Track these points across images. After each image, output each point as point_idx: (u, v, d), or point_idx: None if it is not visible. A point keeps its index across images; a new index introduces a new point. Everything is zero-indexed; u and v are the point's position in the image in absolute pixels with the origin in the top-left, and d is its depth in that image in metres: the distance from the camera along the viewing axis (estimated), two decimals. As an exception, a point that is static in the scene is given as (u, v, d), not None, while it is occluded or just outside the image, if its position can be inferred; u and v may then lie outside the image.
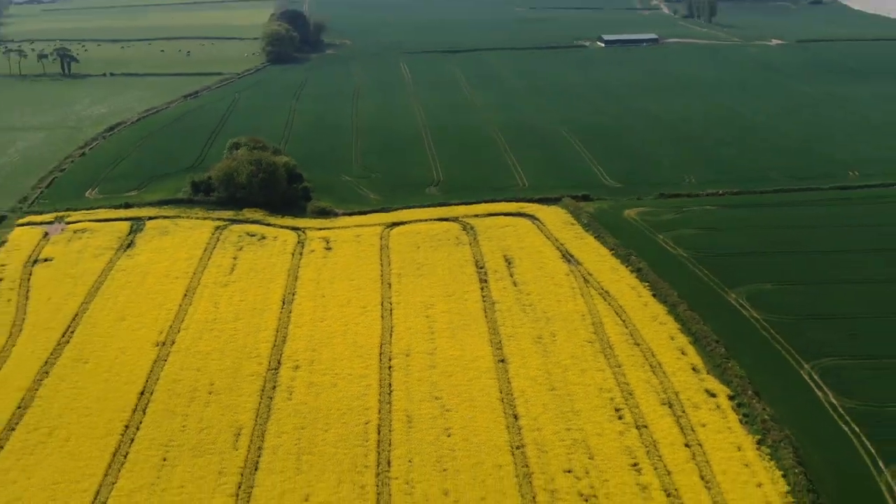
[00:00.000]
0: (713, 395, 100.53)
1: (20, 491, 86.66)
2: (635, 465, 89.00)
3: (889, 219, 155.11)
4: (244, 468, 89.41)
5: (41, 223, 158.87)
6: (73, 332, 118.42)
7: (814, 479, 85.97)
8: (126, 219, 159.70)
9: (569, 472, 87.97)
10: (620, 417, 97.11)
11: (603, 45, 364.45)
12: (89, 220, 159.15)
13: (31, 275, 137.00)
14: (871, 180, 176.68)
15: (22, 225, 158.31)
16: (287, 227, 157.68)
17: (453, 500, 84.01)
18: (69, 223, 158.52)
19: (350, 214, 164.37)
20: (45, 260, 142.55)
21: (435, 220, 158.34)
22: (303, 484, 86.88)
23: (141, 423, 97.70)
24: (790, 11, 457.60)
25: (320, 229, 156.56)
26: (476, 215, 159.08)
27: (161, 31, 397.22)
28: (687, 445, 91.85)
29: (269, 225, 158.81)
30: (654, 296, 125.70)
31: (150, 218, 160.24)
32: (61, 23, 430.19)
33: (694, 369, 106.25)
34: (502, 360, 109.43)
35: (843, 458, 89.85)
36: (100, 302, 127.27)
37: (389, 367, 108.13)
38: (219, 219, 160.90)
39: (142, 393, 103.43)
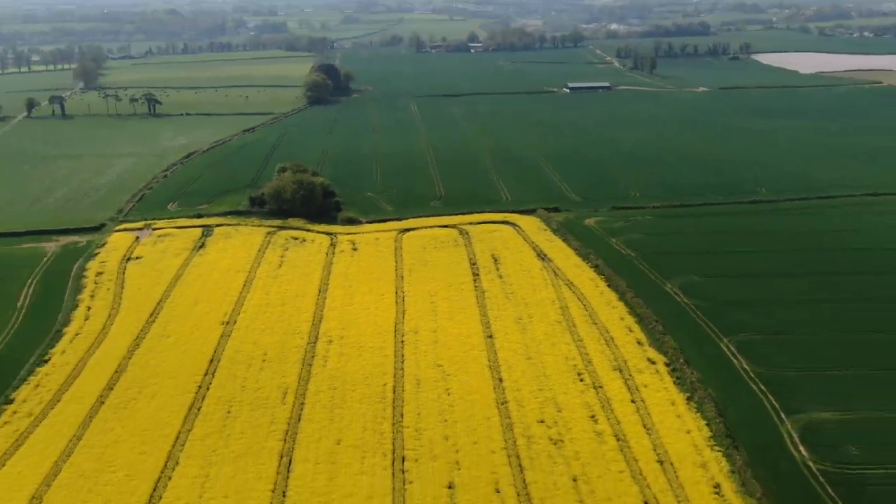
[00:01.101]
0: (653, 363, 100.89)
1: (117, 436, 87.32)
2: (593, 416, 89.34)
3: (789, 226, 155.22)
4: (290, 419, 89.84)
5: (133, 229, 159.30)
6: (157, 314, 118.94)
7: (730, 427, 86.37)
8: (199, 226, 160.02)
9: (541, 422, 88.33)
10: (581, 380, 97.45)
11: (568, 90, 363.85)
12: (170, 227, 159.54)
13: (125, 269, 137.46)
14: (776, 195, 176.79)
15: (118, 231, 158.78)
16: (322, 233, 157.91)
17: (452, 444, 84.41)
18: (155, 229, 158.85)
19: (371, 222, 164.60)
20: (136, 258, 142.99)
21: (438, 226, 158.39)
22: (335, 431, 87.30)
23: (210, 384, 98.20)
24: (714, 65, 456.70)
25: (348, 234, 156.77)
26: (470, 223, 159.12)
27: (226, 80, 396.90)
28: (633, 401, 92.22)
29: (308, 231, 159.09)
30: (608, 286, 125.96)
31: (218, 225, 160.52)
32: (148, 73, 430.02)
33: (638, 342, 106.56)
34: (490, 336, 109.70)
35: (753, 411, 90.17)
36: (178, 290, 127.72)
37: (402, 342, 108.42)
38: (270, 226, 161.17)
39: (211, 361, 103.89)
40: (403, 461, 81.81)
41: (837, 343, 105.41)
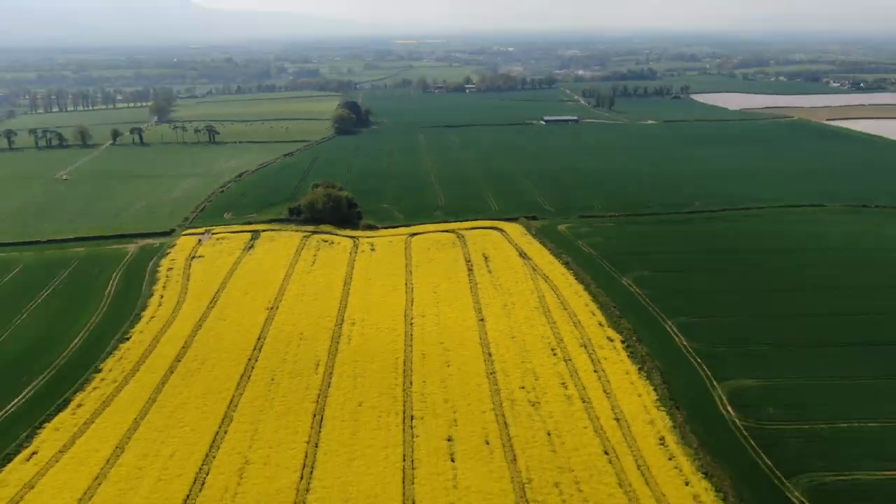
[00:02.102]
0: (611, 340, 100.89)
1: (184, 398, 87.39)
2: (563, 383, 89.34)
3: (719, 231, 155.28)
4: (321, 385, 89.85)
5: (196, 233, 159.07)
6: (216, 301, 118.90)
7: (673, 391, 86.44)
8: (248, 231, 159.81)
9: (522, 388, 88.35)
10: (554, 354, 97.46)
11: (544, 122, 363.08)
12: (226, 232, 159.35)
13: (190, 266, 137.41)
14: (710, 207, 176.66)
15: (185, 235, 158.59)
16: (347, 236, 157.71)
17: (450, 406, 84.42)
18: (214, 233, 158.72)
19: (386, 228, 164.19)
20: (199, 256, 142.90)
21: (439, 231, 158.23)
22: (357, 395, 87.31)
23: (258, 357, 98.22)
24: (660, 103, 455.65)
25: (368, 237, 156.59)
26: (465, 228, 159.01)
27: (270, 115, 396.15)
28: (595, 371, 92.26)
29: (335, 235, 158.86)
30: (575, 279, 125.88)
31: (263, 230, 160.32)
32: (209, 109, 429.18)
33: (600, 324, 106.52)
34: (482, 320, 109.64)
35: (691, 378, 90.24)
36: (232, 282, 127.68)
37: (411, 324, 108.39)
38: (305, 231, 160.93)
39: (258, 339, 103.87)
40: (412, 419, 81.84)
41: (759, 324, 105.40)
